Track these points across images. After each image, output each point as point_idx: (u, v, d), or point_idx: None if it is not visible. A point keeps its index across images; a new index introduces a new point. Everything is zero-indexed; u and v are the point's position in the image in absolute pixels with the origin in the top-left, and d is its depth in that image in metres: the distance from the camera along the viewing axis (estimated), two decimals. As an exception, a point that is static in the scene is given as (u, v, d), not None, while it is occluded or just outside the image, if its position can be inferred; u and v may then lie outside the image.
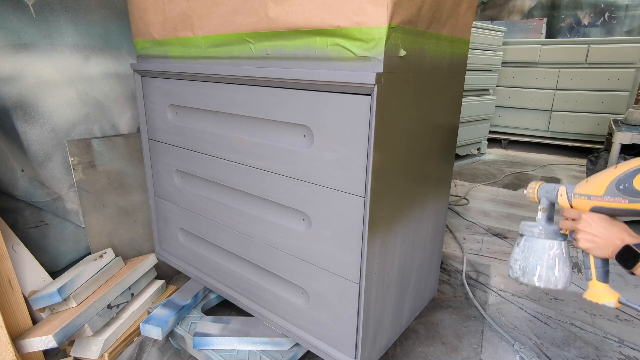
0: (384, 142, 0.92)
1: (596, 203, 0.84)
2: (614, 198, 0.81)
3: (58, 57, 1.42)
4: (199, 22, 1.15)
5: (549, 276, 0.92)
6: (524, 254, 0.96)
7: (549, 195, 0.95)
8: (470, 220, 2.56)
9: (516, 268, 0.96)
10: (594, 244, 0.84)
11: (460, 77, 1.29)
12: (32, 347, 1.21)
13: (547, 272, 0.92)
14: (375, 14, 0.82)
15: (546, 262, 0.93)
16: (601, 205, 0.83)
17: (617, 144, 2.67)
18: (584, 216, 0.86)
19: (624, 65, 3.93)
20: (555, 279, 0.92)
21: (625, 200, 0.79)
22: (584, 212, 0.87)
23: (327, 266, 1.06)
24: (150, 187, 1.57)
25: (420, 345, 1.43)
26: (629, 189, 0.78)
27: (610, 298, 0.85)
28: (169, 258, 1.61)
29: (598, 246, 0.84)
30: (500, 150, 4.63)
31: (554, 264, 0.92)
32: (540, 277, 0.93)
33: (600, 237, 0.83)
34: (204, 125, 1.26)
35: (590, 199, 0.85)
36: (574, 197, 0.89)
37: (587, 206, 0.86)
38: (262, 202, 1.17)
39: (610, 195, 0.81)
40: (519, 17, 5.09)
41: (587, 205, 0.86)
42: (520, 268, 0.96)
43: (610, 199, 0.81)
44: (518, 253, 0.97)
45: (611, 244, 0.82)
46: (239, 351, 1.24)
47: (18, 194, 1.39)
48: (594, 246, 0.85)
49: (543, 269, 0.93)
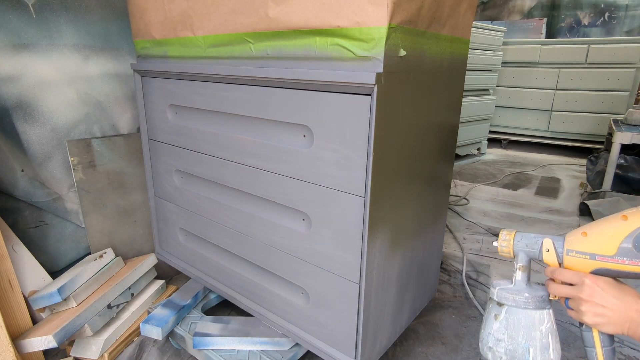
0: (384, 142, 0.92)
1: (604, 265, 0.67)
2: (632, 260, 0.63)
3: (58, 57, 1.42)
4: (199, 22, 1.15)
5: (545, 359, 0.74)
6: (508, 331, 0.75)
7: (530, 250, 0.77)
8: (470, 220, 2.56)
9: (500, 352, 0.75)
10: (605, 319, 0.66)
11: (460, 77, 1.29)
12: (32, 347, 1.21)
13: (542, 355, 0.73)
14: (375, 14, 0.82)
15: (539, 341, 0.74)
16: (611, 267, 0.66)
17: (617, 144, 2.67)
18: (589, 282, 0.68)
19: (624, 65, 3.93)
20: None
21: None
22: (586, 275, 0.69)
23: (327, 266, 1.06)
24: (150, 187, 1.57)
25: (420, 345, 1.43)
26: None
27: None
28: (169, 258, 1.61)
29: (610, 321, 0.66)
30: (500, 150, 4.63)
31: (548, 343, 0.74)
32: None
33: (613, 310, 0.65)
34: (204, 125, 1.26)
35: (595, 259, 0.67)
36: (568, 255, 0.71)
37: (588, 267, 0.69)
38: (262, 202, 1.17)
39: (625, 257, 0.64)
40: (519, 17, 5.09)
41: (588, 267, 0.69)
42: (506, 352, 0.75)
43: (627, 260, 0.64)
44: (499, 331, 0.76)
45: (627, 318, 0.64)
46: (239, 351, 1.24)
47: (18, 194, 1.39)
48: (604, 321, 0.67)
49: (537, 351, 0.73)
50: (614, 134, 2.69)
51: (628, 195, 2.63)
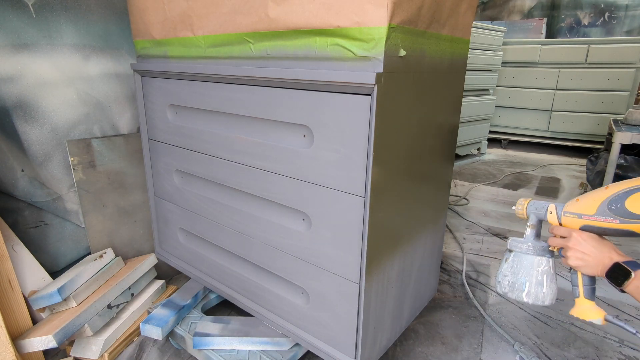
0: (384, 142, 0.92)
1: (587, 222, 0.86)
2: (605, 218, 0.82)
3: (58, 57, 1.42)
4: (199, 22, 1.15)
5: (537, 292, 0.94)
6: (512, 269, 0.97)
7: (538, 212, 0.96)
8: (470, 220, 2.56)
9: (505, 284, 0.98)
10: (584, 262, 0.85)
11: (460, 77, 1.29)
12: (32, 347, 1.21)
13: (535, 289, 0.94)
14: (375, 14, 0.82)
15: (535, 278, 0.94)
16: (592, 224, 0.85)
17: (617, 144, 2.67)
18: (575, 234, 0.87)
19: (624, 65, 3.93)
20: (543, 295, 0.94)
21: (616, 220, 0.81)
22: (574, 230, 0.88)
23: (327, 266, 1.06)
24: (150, 187, 1.57)
25: (420, 345, 1.43)
26: (620, 209, 0.80)
27: (596, 316, 0.87)
28: (169, 258, 1.61)
29: (588, 264, 0.85)
30: (500, 150, 4.63)
31: (543, 281, 0.94)
32: (528, 293, 0.94)
33: (591, 256, 0.84)
34: (204, 125, 1.26)
35: (581, 217, 0.87)
36: (564, 215, 0.90)
37: (577, 225, 0.88)
38: (262, 202, 1.17)
39: (601, 215, 0.83)
40: (519, 17, 5.09)
41: (577, 224, 0.88)
42: (509, 284, 0.97)
43: (602, 218, 0.83)
44: (507, 269, 0.98)
45: (601, 262, 0.83)
46: (239, 351, 1.24)
47: (18, 194, 1.39)
48: (584, 264, 0.86)
49: (532, 285, 0.94)
50: (614, 134, 2.69)
51: (628, 195, 2.62)
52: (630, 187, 0.80)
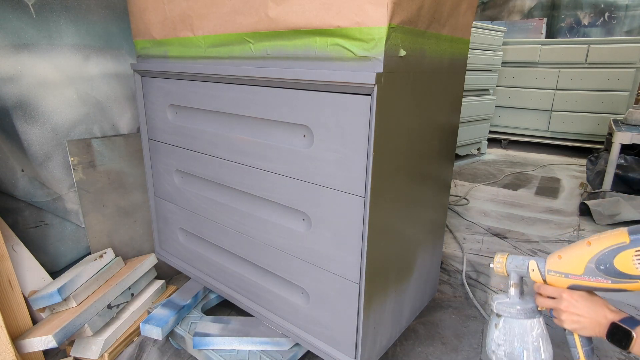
0: (384, 142, 0.92)
1: (575, 282, 0.82)
2: (595, 278, 0.79)
3: (58, 57, 1.42)
4: (199, 22, 1.15)
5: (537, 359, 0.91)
6: (506, 337, 0.92)
7: (519, 269, 0.92)
8: (470, 220, 2.56)
9: (500, 354, 0.93)
10: (580, 325, 0.82)
11: (460, 77, 1.29)
12: (32, 347, 1.21)
13: (534, 356, 0.90)
14: (375, 14, 0.82)
15: (531, 345, 0.90)
16: (581, 284, 0.81)
17: (617, 144, 2.67)
18: (565, 296, 0.83)
19: (624, 65, 3.93)
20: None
21: (607, 280, 0.78)
22: (563, 290, 0.84)
23: (327, 266, 1.06)
24: (150, 187, 1.57)
25: (420, 345, 1.43)
26: (610, 269, 0.76)
27: None
28: (169, 258, 1.61)
29: (584, 327, 0.82)
30: (500, 150, 4.63)
31: (539, 346, 0.90)
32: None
33: (586, 317, 0.81)
34: (204, 125, 1.26)
35: (568, 277, 0.83)
36: (549, 274, 0.87)
37: (564, 284, 0.84)
38: (262, 202, 1.17)
39: (590, 275, 0.79)
40: (519, 17, 5.09)
41: (564, 283, 0.84)
42: (505, 354, 0.92)
43: (591, 278, 0.79)
44: (499, 337, 0.93)
45: (597, 322, 0.80)
46: (239, 351, 1.24)
47: (18, 194, 1.39)
48: (580, 327, 0.83)
49: (530, 353, 0.90)
50: (614, 134, 2.69)
51: (628, 195, 2.63)
52: (616, 245, 0.76)
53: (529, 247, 2.19)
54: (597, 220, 2.52)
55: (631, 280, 0.75)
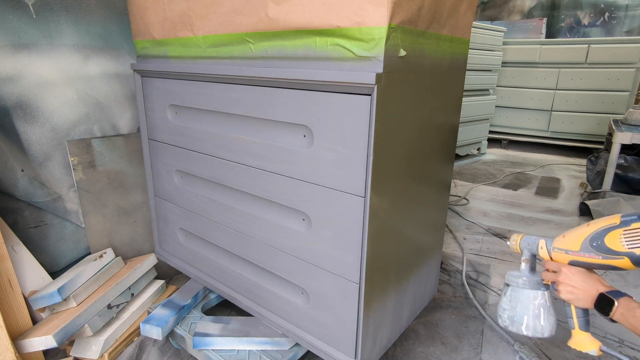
0: (384, 142, 0.92)
1: (573, 257, 0.91)
2: (589, 254, 0.88)
3: (58, 57, 1.42)
4: (199, 22, 1.15)
5: (536, 325, 0.99)
6: (511, 303, 1.03)
7: (530, 247, 1.02)
8: (470, 220, 2.56)
9: (505, 317, 1.03)
10: (574, 296, 0.91)
11: (460, 77, 1.29)
12: (32, 347, 1.21)
13: (533, 322, 0.99)
14: (375, 14, 0.82)
15: (532, 312, 1.00)
16: (578, 259, 0.90)
17: (617, 144, 2.67)
18: (564, 269, 0.92)
19: (624, 65, 3.93)
20: (541, 328, 0.99)
21: (598, 256, 0.86)
22: (563, 265, 0.94)
23: (327, 266, 1.06)
24: (150, 187, 1.57)
25: (420, 345, 1.43)
26: (601, 246, 0.85)
27: (592, 347, 0.92)
28: (169, 258, 1.61)
29: (578, 297, 0.91)
30: (500, 150, 4.63)
31: (540, 314, 0.99)
32: (527, 327, 1.00)
33: (580, 289, 0.90)
34: (204, 125, 1.26)
35: (567, 253, 0.92)
36: (553, 251, 0.96)
37: (565, 259, 0.93)
38: (262, 202, 1.17)
39: (585, 251, 0.88)
40: (519, 17, 5.09)
41: (565, 259, 0.93)
42: (508, 317, 1.03)
43: (586, 254, 0.88)
44: (506, 302, 1.04)
45: (589, 295, 0.89)
46: (239, 351, 1.24)
47: (18, 194, 1.39)
48: (574, 297, 0.91)
49: (530, 318, 1.00)
50: (614, 134, 2.69)
51: (628, 195, 2.63)
52: (608, 225, 0.85)
53: (529, 247, 2.19)
54: (597, 220, 2.52)
55: (618, 256, 0.83)
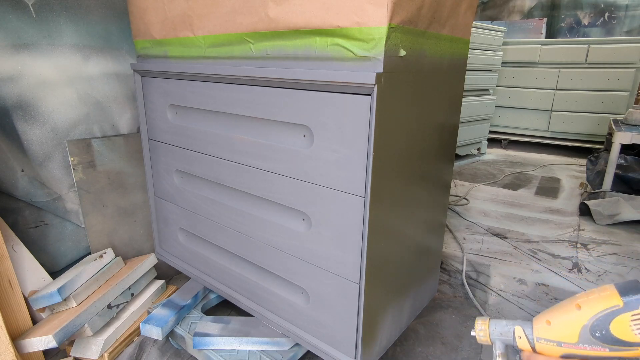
0: (384, 142, 0.92)
1: (570, 351, 0.74)
2: (592, 346, 0.72)
3: (58, 57, 1.42)
4: (199, 22, 1.15)
5: None
6: None
7: (504, 337, 0.83)
8: (470, 220, 2.56)
9: None
10: None
11: (460, 77, 1.29)
12: (32, 347, 1.21)
13: None
14: (375, 13, 0.82)
15: None
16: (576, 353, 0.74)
17: (617, 144, 2.67)
18: None
19: (624, 65, 3.93)
20: None
21: (605, 349, 0.71)
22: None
23: (327, 266, 1.06)
24: (150, 187, 1.57)
25: (420, 345, 1.43)
26: (607, 336, 0.70)
27: None
28: (169, 258, 1.61)
29: None
30: (500, 150, 4.63)
31: None
32: None
33: None
34: (204, 125, 1.26)
35: (561, 345, 0.75)
36: (538, 342, 0.78)
37: (557, 353, 0.76)
38: (262, 202, 1.18)
39: (586, 344, 0.72)
40: (519, 17, 5.09)
41: (557, 352, 0.76)
42: None
43: (587, 347, 0.72)
44: None
45: None
46: (239, 351, 1.24)
47: (18, 194, 1.39)
48: None
49: None
50: (614, 134, 2.69)
51: (628, 195, 2.63)
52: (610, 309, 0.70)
53: (529, 247, 2.19)
54: (597, 220, 2.52)
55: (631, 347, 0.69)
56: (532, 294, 1.76)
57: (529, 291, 1.78)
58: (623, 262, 2.06)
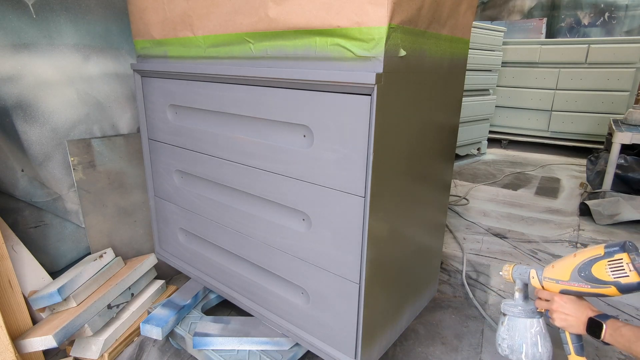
0: (384, 142, 0.92)
1: (564, 287, 0.97)
2: (578, 283, 0.94)
3: (58, 57, 1.42)
4: (199, 22, 1.15)
5: (535, 353, 1.04)
6: (509, 333, 1.08)
7: (522, 277, 1.09)
8: (470, 220, 2.56)
9: (504, 346, 1.09)
10: (568, 323, 0.96)
11: (460, 77, 1.29)
12: (32, 347, 1.21)
13: (532, 349, 1.05)
14: (375, 14, 0.82)
15: (530, 340, 1.05)
16: (568, 288, 0.96)
17: (617, 144, 2.67)
18: (556, 298, 0.98)
19: (624, 65, 3.93)
20: (540, 355, 1.04)
21: (587, 285, 0.92)
22: (555, 294, 0.99)
23: (327, 266, 1.06)
24: (150, 187, 1.57)
25: (420, 345, 1.43)
26: (589, 276, 0.91)
27: None
28: (169, 258, 1.61)
29: (571, 324, 0.96)
30: (500, 150, 4.63)
31: (537, 341, 1.05)
32: (527, 355, 1.05)
33: (572, 316, 0.95)
34: (204, 125, 1.26)
35: (558, 282, 0.98)
36: (544, 280, 1.02)
37: (556, 289, 0.99)
38: (262, 202, 1.18)
39: (574, 281, 0.94)
40: (519, 17, 5.09)
41: (556, 288, 0.99)
42: (508, 347, 1.08)
43: (575, 284, 0.94)
44: (504, 332, 1.10)
45: (581, 321, 0.94)
46: (239, 351, 1.24)
47: (18, 194, 1.39)
48: (567, 324, 0.97)
49: (528, 346, 1.05)
50: (614, 134, 2.69)
51: (628, 195, 2.63)
52: (594, 256, 0.91)
53: (529, 247, 2.19)
54: (597, 220, 2.52)
55: (605, 285, 0.89)
56: (532, 294, 1.76)
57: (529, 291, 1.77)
58: (623, 262, 2.06)
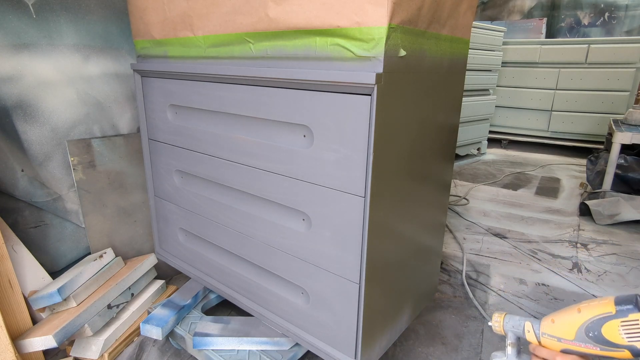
0: (384, 142, 0.92)
1: (567, 346, 0.86)
2: (585, 344, 0.83)
3: (58, 57, 1.42)
4: (199, 22, 1.15)
5: None
6: None
7: (516, 330, 0.97)
8: (470, 220, 2.56)
9: None
10: None
11: (460, 77, 1.29)
12: (32, 347, 1.21)
13: None
14: (375, 13, 0.82)
15: None
16: (572, 348, 0.86)
17: (617, 144, 2.67)
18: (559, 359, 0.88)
19: (624, 65, 3.93)
20: None
21: (596, 347, 0.82)
22: (557, 354, 0.89)
23: (327, 266, 1.06)
24: (150, 187, 1.57)
25: (420, 345, 1.43)
26: (598, 337, 0.80)
27: None
28: (169, 258, 1.61)
29: None
30: (500, 150, 4.63)
31: None
32: None
33: None
34: (204, 125, 1.26)
35: (560, 341, 0.87)
36: (543, 337, 0.91)
37: (557, 347, 0.88)
38: (262, 202, 1.18)
39: (580, 341, 0.83)
40: (519, 17, 5.09)
41: (557, 347, 0.88)
42: None
43: (582, 344, 0.83)
44: None
45: None
46: (239, 351, 1.24)
47: (18, 194, 1.39)
48: None
49: None
50: (614, 134, 2.69)
51: (628, 195, 2.63)
52: (604, 314, 0.81)
53: (529, 247, 2.19)
54: (597, 220, 2.53)
55: (618, 348, 0.79)
56: (532, 294, 1.76)
57: (529, 291, 1.78)
58: (623, 262, 2.06)
